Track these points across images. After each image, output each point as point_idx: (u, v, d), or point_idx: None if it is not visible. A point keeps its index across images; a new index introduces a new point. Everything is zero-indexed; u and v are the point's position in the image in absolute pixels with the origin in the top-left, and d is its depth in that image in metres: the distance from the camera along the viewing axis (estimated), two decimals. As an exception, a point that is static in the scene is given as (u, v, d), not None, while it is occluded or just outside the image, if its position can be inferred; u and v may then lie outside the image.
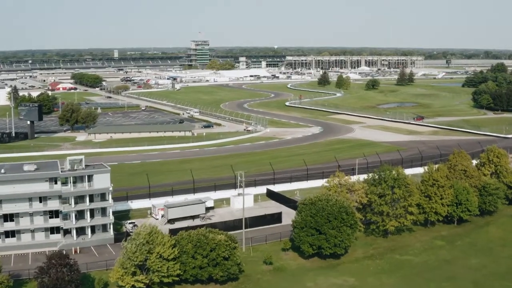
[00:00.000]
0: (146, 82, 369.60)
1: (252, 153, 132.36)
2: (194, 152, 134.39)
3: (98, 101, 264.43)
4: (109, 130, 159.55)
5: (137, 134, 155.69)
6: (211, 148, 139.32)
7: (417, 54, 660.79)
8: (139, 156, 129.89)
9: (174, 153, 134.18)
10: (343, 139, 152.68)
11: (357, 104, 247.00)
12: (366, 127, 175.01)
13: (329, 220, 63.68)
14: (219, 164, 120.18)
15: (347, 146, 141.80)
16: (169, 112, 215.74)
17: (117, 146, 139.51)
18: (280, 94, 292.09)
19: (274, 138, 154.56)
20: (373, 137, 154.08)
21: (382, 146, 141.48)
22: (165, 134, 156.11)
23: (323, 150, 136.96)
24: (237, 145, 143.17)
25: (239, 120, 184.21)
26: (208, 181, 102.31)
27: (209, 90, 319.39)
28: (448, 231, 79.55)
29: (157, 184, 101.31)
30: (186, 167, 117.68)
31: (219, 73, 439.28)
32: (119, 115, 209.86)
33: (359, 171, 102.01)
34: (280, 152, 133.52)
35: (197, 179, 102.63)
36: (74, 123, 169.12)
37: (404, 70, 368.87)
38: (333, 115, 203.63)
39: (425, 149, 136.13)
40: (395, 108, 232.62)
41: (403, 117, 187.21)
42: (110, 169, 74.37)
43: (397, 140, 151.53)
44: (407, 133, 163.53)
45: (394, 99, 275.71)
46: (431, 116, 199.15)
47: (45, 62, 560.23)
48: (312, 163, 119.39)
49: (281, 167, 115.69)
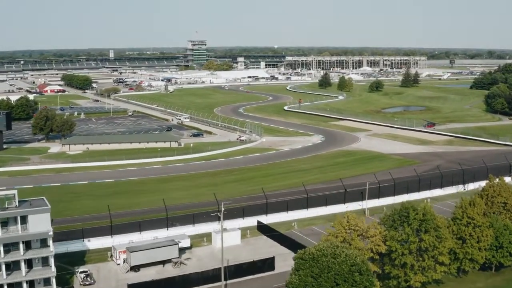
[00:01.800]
0: (138, 84, 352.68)
1: (244, 169, 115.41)
2: (177, 168, 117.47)
3: (84, 105, 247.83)
4: (85, 140, 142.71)
5: (117, 145, 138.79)
6: (198, 163, 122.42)
7: (419, 54, 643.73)
8: (114, 173, 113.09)
9: (154, 169, 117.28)
10: (348, 150, 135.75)
11: (360, 108, 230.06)
12: (373, 135, 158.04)
13: (336, 283, 46.89)
14: (205, 183, 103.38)
15: (352, 159, 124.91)
16: (158, 118, 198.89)
17: (92, 160, 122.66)
18: (279, 97, 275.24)
19: (270, 149, 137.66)
20: (381, 148, 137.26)
21: (392, 160, 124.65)
22: (148, 145, 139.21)
23: (325, 164, 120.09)
24: (227, 159, 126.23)
25: (233, 128, 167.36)
26: (188, 208, 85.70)
27: (203, 92, 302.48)
28: (485, 282, 62.64)
29: (126, 212, 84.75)
30: (165, 187, 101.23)
31: (216, 74, 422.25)
32: (103, 121, 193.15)
33: (370, 194, 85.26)
34: (276, 168, 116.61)
35: (176, 206, 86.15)
36: (49, 131, 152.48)
37: (409, 71, 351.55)
38: (336, 121, 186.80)
39: (443, 164, 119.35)
40: (402, 113, 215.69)
41: (413, 124, 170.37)
42: (50, 207, 57.44)
43: (408, 151, 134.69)
44: (419, 142, 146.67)
45: (399, 102, 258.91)
46: (442, 123, 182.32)
47: (38, 62, 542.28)
48: (313, 182, 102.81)
49: (277, 187, 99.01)
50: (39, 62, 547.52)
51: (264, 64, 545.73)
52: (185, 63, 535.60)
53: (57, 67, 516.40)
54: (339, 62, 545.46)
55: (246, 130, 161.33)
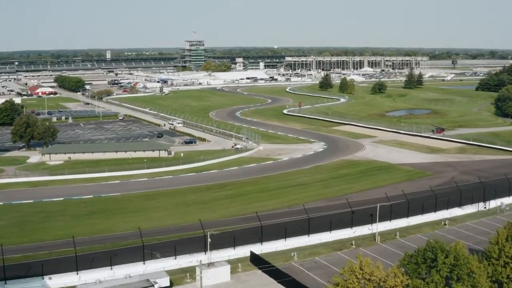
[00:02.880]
0: (133, 85, 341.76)
1: (238, 183, 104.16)
2: (164, 182, 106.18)
3: (74, 108, 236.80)
4: (67, 149, 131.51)
5: (101, 155, 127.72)
6: (188, 175, 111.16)
7: (421, 54, 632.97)
8: (94, 188, 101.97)
9: (139, 182, 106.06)
10: (352, 160, 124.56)
11: (363, 112, 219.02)
12: (378, 142, 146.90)
13: None
14: (193, 200, 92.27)
15: (357, 171, 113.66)
16: (149, 123, 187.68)
17: (71, 171, 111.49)
18: (278, 99, 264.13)
19: (268, 159, 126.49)
20: (388, 157, 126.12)
21: (402, 171, 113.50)
22: (135, 154, 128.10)
23: (328, 177, 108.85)
24: (220, 170, 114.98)
25: (228, 134, 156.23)
26: (171, 232, 74.74)
27: (199, 94, 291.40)
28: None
29: (100, 237, 73.70)
30: (149, 205, 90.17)
31: (214, 75, 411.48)
32: (92, 126, 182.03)
33: (380, 215, 73.97)
34: (273, 181, 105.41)
35: (157, 230, 75.32)
36: (30, 139, 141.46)
37: (412, 71, 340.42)
38: (338, 126, 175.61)
39: (457, 175, 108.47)
40: (408, 116, 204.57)
41: (421, 129, 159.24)
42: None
43: (418, 161, 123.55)
44: (429, 151, 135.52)
45: (404, 105, 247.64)
46: (451, 128, 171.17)
47: (32, 63, 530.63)
48: (315, 199, 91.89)
49: (274, 206, 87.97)
50: (34, 63, 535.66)
51: (263, 65, 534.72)
52: (182, 64, 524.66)
53: (52, 68, 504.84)
54: (340, 62, 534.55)
55: (242, 137, 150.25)
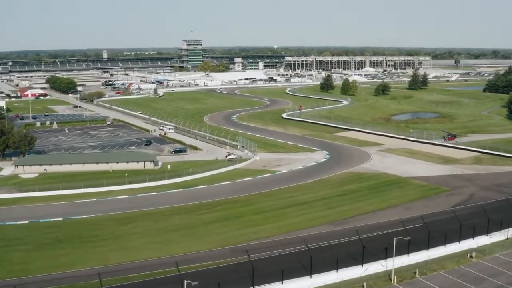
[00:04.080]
0: (127, 86, 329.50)
1: (229, 202, 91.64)
2: (147, 200, 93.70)
3: (62, 111, 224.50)
4: (42, 160, 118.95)
5: (80, 167, 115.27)
6: (174, 192, 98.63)
7: (423, 54, 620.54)
8: (65, 208, 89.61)
9: (118, 201, 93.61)
10: (359, 173, 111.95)
11: (367, 115, 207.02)
12: (386, 151, 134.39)
13: None
14: (177, 225, 79.83)
15: (365, 186, 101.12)
16: (139, 129, 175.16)
17: (43, 188, 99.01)
18: (277, 101, 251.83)
19: (265, 171, 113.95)
20: (398, 169, 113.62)
21: (414, 186, 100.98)
22: (118, 166, 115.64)
23: (332, 194, 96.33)
24: (211, 186, 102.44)
25: (222, 141, 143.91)
26: (146, 268, 62.46)
27: (195, 96, 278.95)
28: None
29: (59, 275, 61.44)
30: (125, 231, 77.84)
31: (211, 75, 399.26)
32: (77, 132, 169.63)
33: (397, 247, 61.42)
34: (270, 199, 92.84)
35: (131, 265, 63.10)
36: (4, 148, 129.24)
37: (417, 72, 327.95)
38: (341, 132, 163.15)
39: (476, 192, 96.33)
40: (415, 121, 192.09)
41: (432, 136, 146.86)
42: None
43: (431, 173, 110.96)
44: (442, 161, 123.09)
45: (409, 107, 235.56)
46: (463, 133, 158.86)
47: (26, 64, 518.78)
48: (318, 223, 79.76)
49: (269, 233, 75.63)
50: (28, 63, 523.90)
51: (262, 65, 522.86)
52: (180, 64, 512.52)
53: (46, 68, 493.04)
54: (341, 62, 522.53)
55: (238, 145, 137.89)
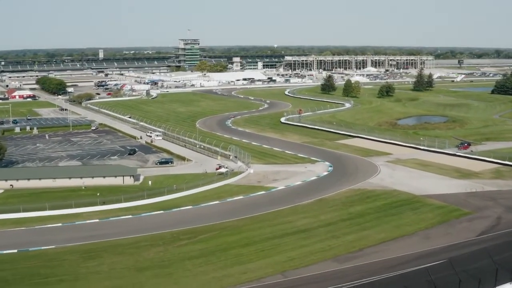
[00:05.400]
0: (120, 87, 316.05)
1: (216, 229, 77.86)
2: (119, 226, 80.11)
3: (47, 115, 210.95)
4: (9, 174, 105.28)
5: (50, 182, 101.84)
6: (153, 214, 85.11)
7: (424, 53, 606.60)
8: (24, 235, 76.17)
9: (85, 226, 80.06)
10: (366, 190, 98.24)
11: (372, 120, 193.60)
12: (395, 162, 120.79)
13: None
14: (150, 262, 66.13)
15: (375, 208, 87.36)
16: (125, 135, 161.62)
17: (2, 210, 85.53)
18: (276, 104, 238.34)
19: (259, 187, 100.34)
20: (411, 185, 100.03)
21: (432, 208, 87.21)
22: (93, 181, 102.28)
23: (336, 219, 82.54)
24: (196, 207, 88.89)
25: (214, 150, 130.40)
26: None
27: (190, 98, 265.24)
28: None
29: None
30: (87, 269, 64.19)
31: (208, 76, 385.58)
32: (58, 139, 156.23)
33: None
34: (263, 226, 79.03)
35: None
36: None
37: (422, 72, 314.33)
38: (345, 139, 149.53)
39: (503, 214, 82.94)
40: (423, 126, 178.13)
41: (445, 145, 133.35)
42: None
43: (448, 190, 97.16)
44: (458, 175, 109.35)
45: (416, 110, 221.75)
46: (478, 141, 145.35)
47: (19, 63, 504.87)
48: (320, 258, 66.26)
49: (261, 272, 62.14)
50: (21, 62, 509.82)
51: (261, 65, 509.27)
52: (176, 63, 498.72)
53: (39, 68, 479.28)
54: (342, 62, 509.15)
55: (230, 155, 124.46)
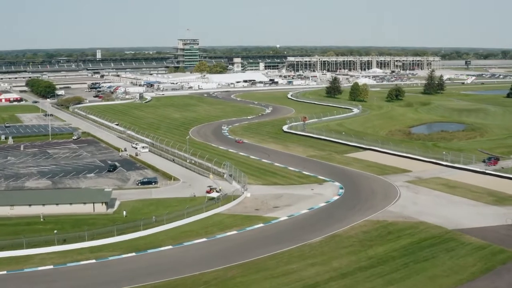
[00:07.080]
0: (114, 90, 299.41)
1: (196, 284, 60.71)
2: (75, 279, 62.88)
3: (29, 121, 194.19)
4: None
5: (7, 210, 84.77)
6: (122, 258, 67.72)
7: (429, 54, 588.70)
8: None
9: (34, 278, 63.08)
10: (386, 222, 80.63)
11: (384, 127, 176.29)
12: (417, 182, 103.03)
13: None
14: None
15: (400, 250, 69.83)
16: (108, 146, 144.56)
17: None
18: (278, 109, 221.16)
19: (256, 218, 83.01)
20: (439, 214, 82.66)
21: (470, 249, 69.65)
22: (58, 208, 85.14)
23: (353, 266, 64.96)
24: (176, 247, 71.41)
25: (205, 166, 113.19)
26: None
27: (186, 102, 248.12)
28: None
29: None
30: None
31: (207, 77, 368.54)
32: (33, 151, 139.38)
33: None
34: (259, 279, 61.65)
35: None
36: None
37: (433, 74, 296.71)
38: (356, 152, 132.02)
39: None
40: (441, 134, 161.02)
41: (471, 160, 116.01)
42: None
43: (485, 222, 79.61)
44: (492, 199, 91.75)
45: (430, 116, 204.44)
46: (505, 154, 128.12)
47: (13, 64, 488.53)
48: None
49: None
50: (15, 63, 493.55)
51: (263, 66, 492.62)
52: (175, 64, 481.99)
53: (33, 69, 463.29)
54: (346, 62, 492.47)
55: (224, 173, 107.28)
